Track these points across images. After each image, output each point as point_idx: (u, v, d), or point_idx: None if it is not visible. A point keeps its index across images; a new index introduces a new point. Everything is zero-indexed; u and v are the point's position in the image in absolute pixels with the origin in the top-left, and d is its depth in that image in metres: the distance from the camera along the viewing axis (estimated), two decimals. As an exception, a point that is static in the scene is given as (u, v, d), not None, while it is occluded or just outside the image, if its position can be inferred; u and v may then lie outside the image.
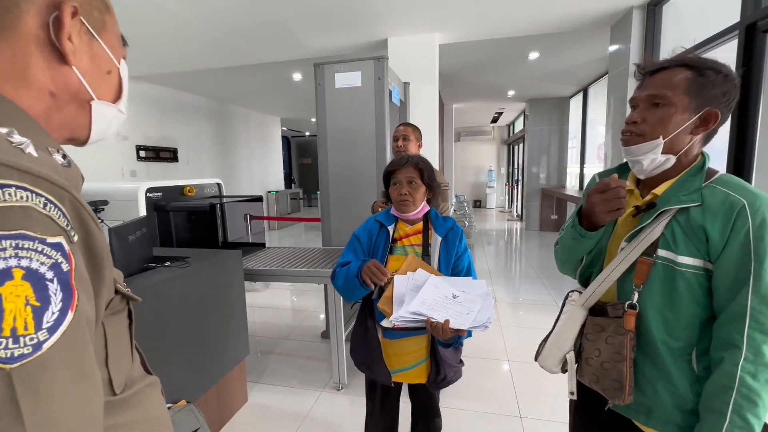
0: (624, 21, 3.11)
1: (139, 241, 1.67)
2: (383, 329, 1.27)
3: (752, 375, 0.71)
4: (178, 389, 1.61)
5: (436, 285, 1.15)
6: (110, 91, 0.52)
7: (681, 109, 0.77)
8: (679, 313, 0.79)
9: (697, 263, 0.77)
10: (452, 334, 1.07)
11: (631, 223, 0.87)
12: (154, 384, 0.55)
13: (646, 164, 0.82)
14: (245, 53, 3.99)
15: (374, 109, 2.64)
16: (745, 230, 0.72)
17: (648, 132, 0.79)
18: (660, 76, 0.80)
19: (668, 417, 0.82)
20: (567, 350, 0.92)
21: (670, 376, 0.81)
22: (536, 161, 7.72)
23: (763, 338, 0.72)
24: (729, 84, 0.77)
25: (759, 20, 1.76)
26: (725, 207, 0.74)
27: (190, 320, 1.70)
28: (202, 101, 6.53)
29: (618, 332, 0.83)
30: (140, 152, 5.21)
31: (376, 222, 1.34)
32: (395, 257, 1.27)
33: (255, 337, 3.12)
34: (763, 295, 0.72)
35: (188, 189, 2.59)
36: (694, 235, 0.77)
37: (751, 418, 0.71)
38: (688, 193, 0.78)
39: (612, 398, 0.85)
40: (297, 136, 13.31)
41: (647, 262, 0.81)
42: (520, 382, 2.33)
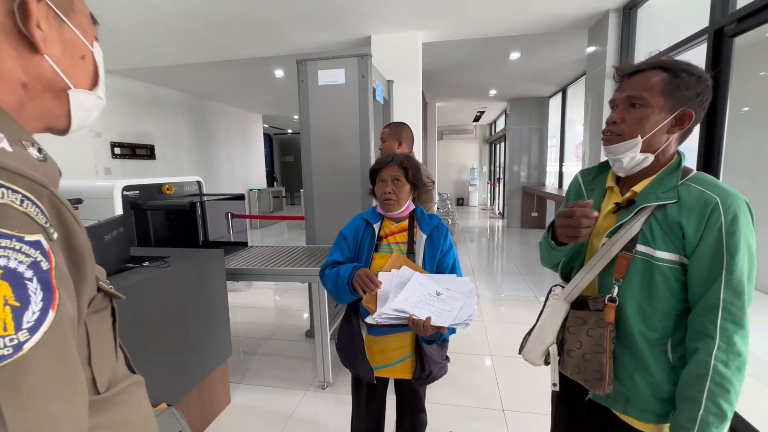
0: (601, 23, 3.20)
1: (115, 240, 1.62)
2: (368, 326, 1.28)
3: (724, 363, 0.74)
4: (158, 392, 1.57)
5: (420, 282, 1.17)
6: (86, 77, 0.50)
7: (657, 109, 0.80)
8: (656, 305, 0.82)
9: (674, 258, 0.80)
10: (434, 331, 1.09)
11: (611, 220, 0.89)
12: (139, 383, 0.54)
13: (626, 162, 0.84)
14: (225, 48, 3.91)
15: (358, 106, 2.63)
16: (718, 226, 0.75)
17: (627, 132, 0.83)
18: (637, 78, 0.83)
19: (645, 406, 0.85)
20: (550, 343, 0.94)
21: (647, 366, 0.84)
22: (517, 160, 7.86)
23: (735, 328, 0.75)
24: (702, 85, 0.81)
25: (726, 25, 1.84)
26: (700, 204, 0.77)
27: (170, 321, 1.66)
28: (180, 97, 6.36)
29: (599, 325, 0.86)
30: (115, 149, 5.04)
31: (362, 220, 1.34)
32: (381, 255, 1.28)
33: (238, 337, 3.08)
34: (735, 287, 0.75)
35: (167, 187, 2.52)
36: (671, 231, 0.80)
37: (724, 404, 0.74)
38: (666, 191, 0.81)
39: (593, 388, 0.88)
40: (279, 133, 13.13)
41: (627, 257, 0.84)
42: (503, 376, 2.38)
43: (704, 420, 0.74)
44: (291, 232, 8.00)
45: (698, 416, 0.75)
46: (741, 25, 1.74)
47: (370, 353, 1.29)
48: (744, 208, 0.77)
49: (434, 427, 1.92)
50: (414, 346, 1.28)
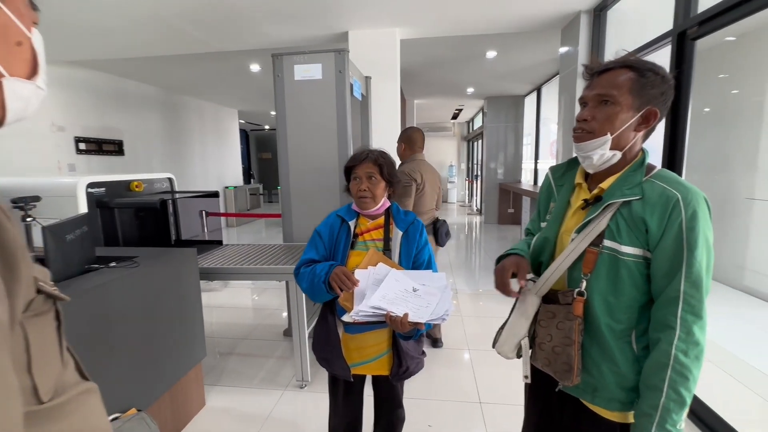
0: (573, 24, 3.28)
1: (78, 240, 1.54)
2: (344, 324, 1.27)
3: (684, 353, 0.78)
4: (127, 397, 1.51)
5: (396, 279, 1.16)
6: (23, 65, 0.46)
7: (626, 107, 0.82)
8: (621, 298, 0.85)
9: (638, 252, 0.83)
10: (411, 327, 1.09)
11: (580, 216, 0.92)
12: (91, 391, 0.51)
13: (596, 159, 0.86)
14: (197, 41, 3.78)
15: (335, 102, 2.60)
16: (679, 222, 0.78)
17: (597, 129, 0.85)
18: (606, 77, 0.85)
19: (611, 395, 0.88)
20: (522, 336, 0.96)
21: (613, 356, 0.87)
22: (494, 157, 8.00)
23: (694, 319, 0.78)
24: (666, 85, 0.83)
25: (688, 29, 1.92)
26: (662, 200, 0.80)
27: (139, 323, 1.59)
28: (150, 90, 6.11)
29: (568, 318, 0.88)
30: (80, 144, 4.79)
31: (337, 217, 1.33)
32: (357, 252, 1.27)
33: (213, 338, 3.00)
34: (694, 280, 0.78)
35: (136, 184, 2.41)
36: (636, 227, 0.82)
37: (683, 391, 0.78)
38: (631, 187, 0.84)
39: (562, 380, 0.90)
40: (256, 129, 12.85)
41: (594, 252, 0.86)
42: (480, 370, 2.42)
43: (665, 407, 0.78)
44: (269, 230, 7.87)
45: (660, 403, 0.78)
46: (702, 28, 1.83)
47: (347, 351, 1.28)
48: (703, 204, 0.79)
49: (413, 422, 1.93)
50: (391, 343, 1.28)
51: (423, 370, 1.34)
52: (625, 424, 0.89)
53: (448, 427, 1.92)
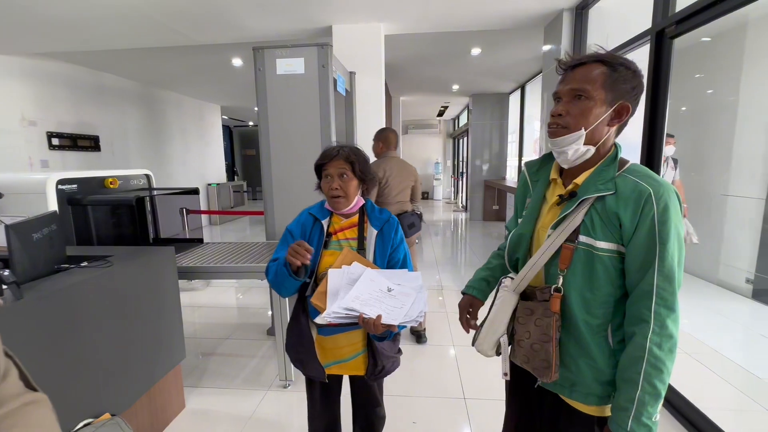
0: (555, 22, 3.31)
1: (47, 239, 1.47)
2: (317, 326, 1.22)
3: (658, 345, 0.78)
4: (100, 402, 1.45)
5: (371, 278, 1.12)
6: None
7: (599, 102, 0.82)
8: (597, 293, 0.85)
9: (612, 247, 0.83)
10: (384, 330, 1.06)
11: (555, 212, 0.92)
12: (38, 402, 0.47)
13: (571, 154, 0.86)
14: (176, 33, 3.66)
15: (318, 97, 2.56)
16: (651, 216, 0.79)
17: (572, 124, 0.84)
18: (579, 71, 0.84)
19: (589, 390, 0.89)
20: (501, 334, 0.96)
21: (590, 351, 0.87)
22: (479, 154, 8.05)
23: (667, 313, 0.79)
24: (637, 79, 0.84)
25: (666, 27, 1.95)
26: (635, 195, 0.80)
27: (112, 325, 1.53)
28: (128, 84, 5.92)
29: (546, 314, 0.88)
30: (53, 140, 4.61)
31: (309, 215, 1.28)
32: (330, 252, 1.22)
33: (195, 338, 2.93)
34: (666, 274, 0.79)
35: (110, 181, 2.32)
36: (610, 222, 0.82)
37: (658, 384, 0.79)
38: (604, 182, 0.84)
39: (541, 376, 0.90)
40: (239, 125, 12.62)
41: (570, 248, 0.86)
42: (465, 366, 2.43)
43: (641, 400, 0.78)
44: (253, 228, 7.75)
45: (636, 397, 0.79)
46: (680, 27, 1.86)
47: (322, 351, 1.25)
48: (674, 198, 0.80)
49: (397, 419, 1.93)
50: (365, 343, 1.24)
51: (408, 366, 1.33)
52: (602, 418, 0.90)
53: (433, 424, 1.92)
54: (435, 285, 4.06)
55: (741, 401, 2.14)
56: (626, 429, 0.79)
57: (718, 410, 1.84)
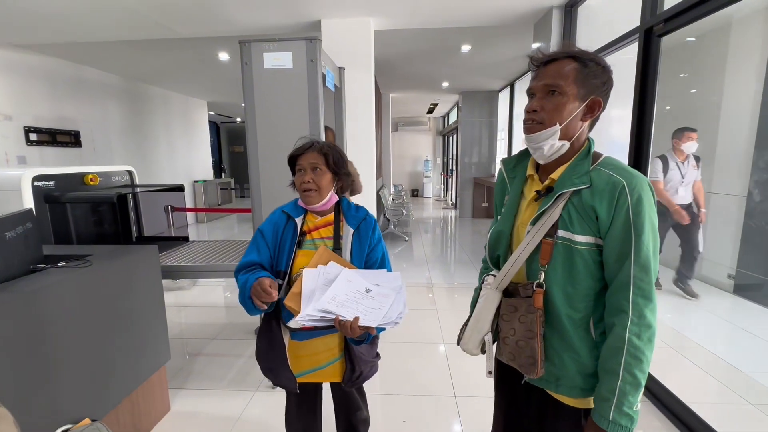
0: (545, 20, 3.32)
1: (21, 238, 1.41)
2: (290, 330, 1.17)
3: (637, 336, 0.80)
4: (79, 407, 1.40)
5: (348, 279, 1.07)
6: None
7: (572, 97, 0.83)
8: (578, 287, 0.86)
9: (590, 240, 0.84)
10: (361, 332, 1.01)
11: (534, 207, 0.92)
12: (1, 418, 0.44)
13: (546, 149, 0.87)
14: (160, 26, 3.56)
15: (307, 93, 2.52)
16: (626, 207, 0.80)
17: (546, 119, 0.85)
18: (552, 67, 0.85)
19: (573, 383, 0.90)
20: (486, 332, 0.96)
21: (573, 345, 0.88)
22: (469, 152, 8.08)
23: (645, 302, 0.80)
24: (606, 75, 0.85)
25: (655, 25, 1.97)
26: (609, 187, 0.81)
27: (92, 327, 1.48)
28: (110, 79, 5.76)
29: (529, 311, 0.88)
30: (30, 135, 4.45)
31: (282, 214, 1.21)
32: (304, 252, 1.16)
33: (181, 339, 2.87)
34: (643, 264, 0.80)
35: (90, 177, 2.25)
36: (587, 215, 0.83)
37: (638, 373, 0.80)
38: (579, 176, 0.85)
39: (527, 373, 0.90)
40: (227, 121, 12.42)
41: (550, 243, 0.86)
42: (455, 363, 2.43)
43: (622, 390, 0.80)
44: (241, 226, 7.64)
45: (617, 387, 0.80)
46: (668, 25, 1.87)
47: (295, 359, 1.19)
48: (647, 189, 0.81)
49: (388, 418, 1.91)
50: (342, 348, 1.20)
51: (398, 364, 1.31)
52: (588, 410, 0.90)
53: (424, 422, 1.91)
54: (425, 282, 4.06)
55: (723, 393, 2.18)
56: (608, 419, 0.81)
57: (702, 403, 1.87)
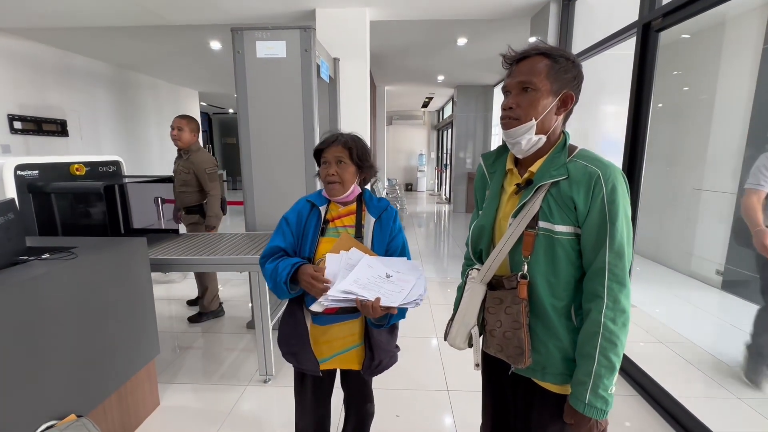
0: (542, 13, 3.29)
1: (3, 229, 1.36)
2: (312, 315, 1.19)
3: (612, 320, 0.82)
4: (64, 402, 1.37)
5: (369, 265, 1.11)
6: None
7: (546, 92, 0.86)
8: (560, 276, 0.89)
9: (569, 230, 0.87)
10: (383, 313, 1.04)
11: (514, 201, 0.94)
12: None
13: (524, 144, 0.90)
14: (151, 12, 3.46)
15: (301, 83, 2.47)
16: (601, 196, 0.83)
17: (522, 115, 0.88)
18: (524, 64, 0.88)
19: (558, 369, 0.92)
20: (472, 325, 0.98)
21: (557, 333, 0.90)
22: (463, 146, 8.06)
23: (619, 288, 0.83)
24: (576, 69, 0.88)
25: (653, 20, 1.95)
26: (585, 178, 0.85)
27: (77, 321, 1.44)
28: (98, 66, 5.61)
29: (514, 302, 0.90)
30: (14, 123, 4.32)
31: (307, 202, 1.25)
32: (327, 239, 1.20)
33: (171, 332, 2.83)
34: (617, 250, 0.83)
35: (76, 167, 2.18)
36: (565, 205, 0.86)
37: (613, 357, 0.83)
38: (557, 168, 0.88)
39: (515, 363, 0.92)
40: (219, 113, 12.24)
41: (532, 234, 0.89)
42: (448, 357, 2.43)
43: (597, 373, 0.83)
44: (233, 219, 7.56)
45: (593, 370, 0.83)
46: (667, 20, 1.86)
47: (316, 345, 1.21)
48: (621, 179, 0.84)
49: (380, 412, 1.90)
50: (363, 335, 1.22)
51: None
52: None
53: (416, 416, 1.91)
54: (418, 277, 4.05)
55: (710, 387, 2.22)
56: (584, 402, 0.84)
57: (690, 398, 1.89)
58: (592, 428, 0.84)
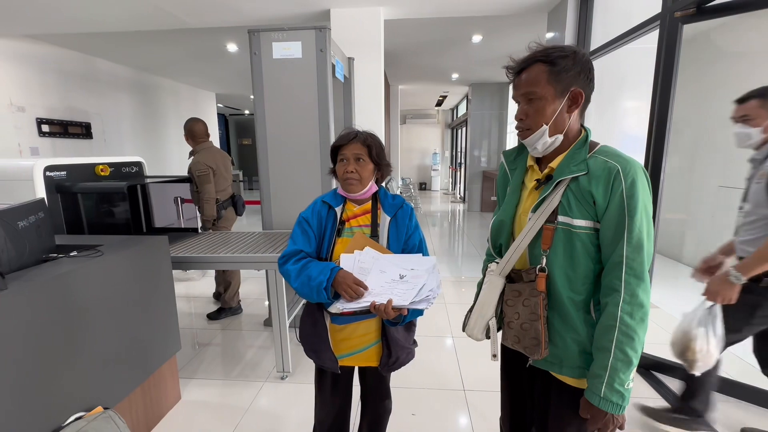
0: (560, 7, 3.22)
1: (33, 228, 1.41)
2: (331, 315, 1.21)
3: (629, 314, 0.82)
4: (91, 395, 1.41)
5: (381, 269, 1.12)
6: None
7: (551, 97, 0.87)
8: (578, 270, 0.89)
9: (588, 224, 0.87)
10: (396, 314, 1.06)
11: (535, 196, 0.96)
12: None
13: (540, 147, 0.93)
14: (170, 16, 3.55)
15: (316, 83, 2.49)
16: (620, 191, 0.83)
17: (533, 124, 0.90)
18: (524, 76, 0.90)
19: (576, 363, 0.92)
20: (490, 317, 1.00)
21: (575, 327, 0.91)
22: (478, 145, 7.98)
23: (637, 282, 0.83)
24: (578, 63, 0.87)
25: (678, 11, 1.89)
26: (605, 173, 0.85)
27: (103, 316, 1.49)
28: (120, 70, 5.78)
29: (533, 294, 0.92)
30: (42, 126, 4.49)
31: (323, 204, 1.25)
32: (343, 240, 1.20)
33: (191, 329, 2.90)
34: (635, 244, 0.83)
35: (101, 168, 2.25)
36: (584, 200, 0.87)
37: (629, 351, 0.82)
38: (577, 164, 0.89)
39: (532, 354, 0.94)
40: (235, 114, 12.44)
41: (551, 228, 0.90)
42: (464, 356, 2.41)
43: (613, 367, 0.83)
44: (250, 218, 7.68)
45: (608, 364, 0.83)
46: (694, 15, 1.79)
47: (334, 342, 1.23)
48: (641, 174, 0.84)
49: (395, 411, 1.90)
50: (380, 333, 1.23)
51: None
52: None
53: (432, 416, 1.90)
54: (433, 276, 4.04)
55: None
56: (600, 395, 0.83)
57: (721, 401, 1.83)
58: (609, 423, 0.84)
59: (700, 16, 1.78)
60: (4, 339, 1.11)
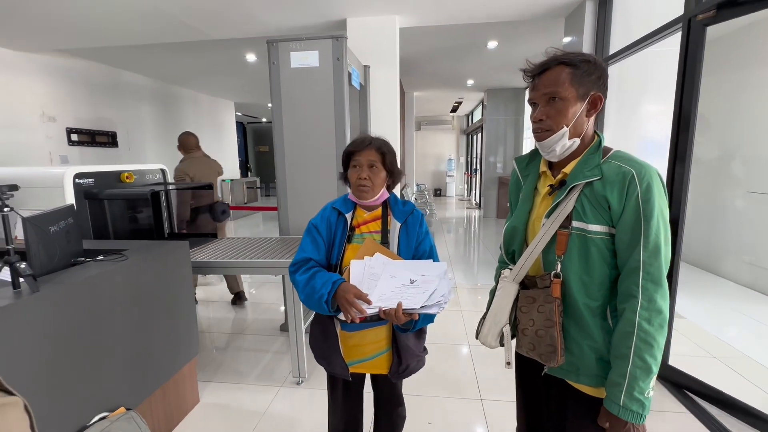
0: (577, 12, 3.19)
1: (63, 233, 1.47)
2: (341, 321, 1.21)
3: (647, 320, 0.81)
4: (115, 396, 1.45)
5: (392, 275, 1.11)
6: None
7: (573, 99, 0.87)
8: (594, 275, 0.88)
9: (603, 229, 0.87)
10: (406, 319, 1.04)
11: (548, 202, 0.95)
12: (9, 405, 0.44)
13: (559, 150, 0.91)
14: (191, 28, 3.67)
15: (333, 91, 2.52)
16: (636, 195, 0.83)
17: (554, 125, 0.89)
18: (547, 76, 0.89)
19: (593, 371, 0.90)
20: (504, 324, 0.99)
21: (592, 334, 0.89)
22: (494, 151, 7.92)
23: (654, 287, 0.81)
24: (599, 69, 0.88)
25: (699, 14, 1.85)
26: (619, 177, 0.85)
27: (128, 319, 1.53)
28: (144, 81, 6.00)
29: (547, 301, 0.90)
30: (72, 135, 4.69)
31: (333, 210, 1.25)
32: (353, 246, 1.20)
33: (210, 333, 2.95)
34: (652, 249, 0.81)
35: (126, 175, 2.34)
36: (599, 205, 0.86)
37: (648, 358, 0.80)
38: (591, 169, 0.89)
39: (547, 362, 0.91)
40: (253, 122, 12.71)
41: (565, 234, 0.90)
42: (480, 365, 2.38)
43: (632, 374, 0.81)
44: (267, 224, 7.80)
45: (627, 371, 0.81)
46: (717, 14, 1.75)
47: (345, 349, 1.23)
48: (656, 178, 0.83)
49: (411, 419, 1.88)
50: (390, 340, 1.22)
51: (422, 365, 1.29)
52: None
53: (449, 425, 1.88)
54: (449, 283, 4.00)
55: None
56: (619, 404, 0.81)
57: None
58: None
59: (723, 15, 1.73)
60: (36, 339, 1.16)
